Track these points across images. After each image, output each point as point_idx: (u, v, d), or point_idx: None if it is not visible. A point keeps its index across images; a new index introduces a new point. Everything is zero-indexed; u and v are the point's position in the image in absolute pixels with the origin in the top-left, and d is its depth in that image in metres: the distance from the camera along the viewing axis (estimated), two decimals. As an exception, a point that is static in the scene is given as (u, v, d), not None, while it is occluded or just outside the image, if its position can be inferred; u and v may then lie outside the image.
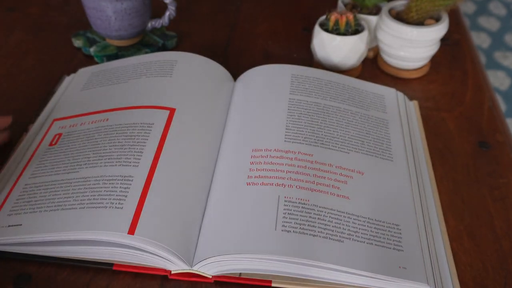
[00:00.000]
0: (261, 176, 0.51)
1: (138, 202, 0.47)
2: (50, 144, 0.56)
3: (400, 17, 0.69)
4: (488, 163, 0.60)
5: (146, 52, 0.73)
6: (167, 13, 0.73)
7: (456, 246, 0.51)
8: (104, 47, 0.73)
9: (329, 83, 0.63)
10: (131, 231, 0.44)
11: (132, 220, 0.45)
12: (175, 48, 0.76)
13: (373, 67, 0.74)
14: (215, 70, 0.65)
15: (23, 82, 0.69)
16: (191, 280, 0.47)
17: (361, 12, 0.72)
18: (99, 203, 0.46)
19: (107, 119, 0.56)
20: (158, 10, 0.75)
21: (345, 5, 0.74)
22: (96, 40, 0.75)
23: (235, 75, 0.66)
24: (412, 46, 0.68)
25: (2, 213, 0.49)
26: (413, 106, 0.66)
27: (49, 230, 0.45)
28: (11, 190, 0.51)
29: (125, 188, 0.48)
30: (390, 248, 0.46)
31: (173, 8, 0.72)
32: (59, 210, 0.47)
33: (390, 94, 0.65)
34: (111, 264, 0.47)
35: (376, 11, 0.73)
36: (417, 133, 0.62)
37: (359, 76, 0.72)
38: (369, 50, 0.74)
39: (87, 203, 0.47)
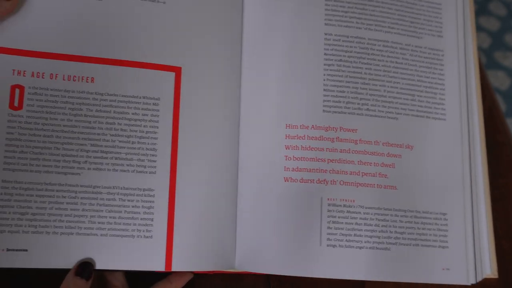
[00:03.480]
0: (300, 169, 0.44)
1: (168, 227, 0.42)
2: (12, 106, 0.41)
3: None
4: (488, 163, 0.60)
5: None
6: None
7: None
8: None
9: None
10: (168, 266, 0.41)
11: (166, 252, 0.41)
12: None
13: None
14: None
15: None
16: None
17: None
18: (123, 230, 0.41)
19: (92, 79, 0.43)
20: None
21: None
22: None
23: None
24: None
25: None
26: (469, 3, 0.53)
27: (68, 263, 0.40)
28: None
29: (148, 208, 0.42)
30: (436, 247, 0.45)
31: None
32: (73, 234, 0.40)
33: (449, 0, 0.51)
34: None
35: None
36: (472, 62, 0.51)
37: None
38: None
39: (108, 229, 0.41)
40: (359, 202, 0.45)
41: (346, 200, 0.45)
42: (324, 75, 0.46)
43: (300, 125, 0.45)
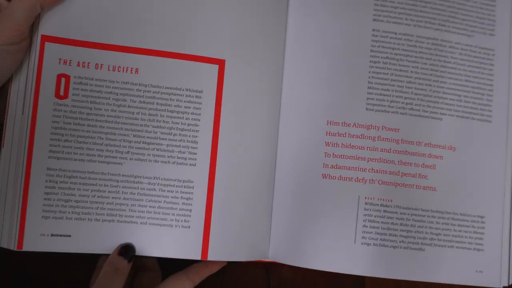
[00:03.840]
0: (339, 166, 0.45)
1: (205, 218, 0.43)
2: (58, 95, 0.42)
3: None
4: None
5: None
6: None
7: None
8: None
9: None
10: (204, 255, 0.43)
11: (203, 242, 0.42)
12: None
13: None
14: None
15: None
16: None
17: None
18: (162, 219, 0.42)
19: (137, 70, 0.43)
20: None
21: None
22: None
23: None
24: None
25: (31, 211, 0.40)
26: None
27: (109, 248, 0.41)
28: (27, 171, 0.41)
29: (187, 199, 0.43)
30: (471, 249, 0.45)
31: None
32: (114, 222, 0.42)
33: None
34: None
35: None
36: None
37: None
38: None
39: (148, 217, 0.42)
40: (397, 202, 0.45)
41: (383, 200, 0.44)
42: (369, 72, 0.45)
43: (342, 123, 0.45)
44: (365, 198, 0.44)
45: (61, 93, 0.42)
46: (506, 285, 0.46)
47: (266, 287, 0.48)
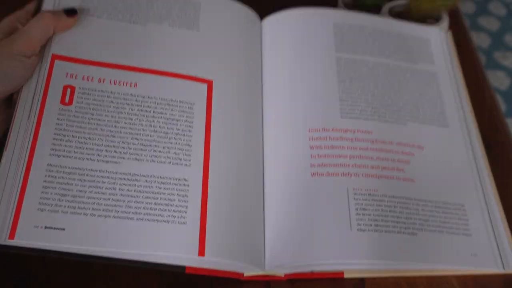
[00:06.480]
0: (325, 164, 0.48)
1: (201, 215, 0.44)
2: (63, 102, 0.46)
3: (400, 17, 0.69)
4: (488, 163, 0.60)
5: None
6: None
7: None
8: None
9: (373, 33, 0.58)
10: (201, 252, 0.42)
11: (200, 238, 0.43)
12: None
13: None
14: (241, 16, 0.57)
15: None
16: (263, 279, 0.46)
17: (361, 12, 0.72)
18: (158, 215, 0.43)
19: (136, 85, 0.48)
20: None
21: (346, 5, 0.74)
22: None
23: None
24: (412, 46, 0.68)
25: (27, 202, 0.40)
26: (449, 39, 0.62)
27: (103, 243, 0.41)
28: (28, 167, 0.42)
29: (183, 196, 0.44)
30: (460, 234, 0.47)
31: None
32: (110, 217, 0.42)
33: (435, 36, 0.61)
34: (183, 267, 0.44)
35: (376, 11, 0.73)
36: (460, 82, 0.58)
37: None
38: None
39: (144, 213, 0.43)
40: (382, 191, 0.48)
41: (370, 190, 0.47)
42: (339, 88, 0.53)
43: (322, 128, 0.50)
44: (353, 189, 0.47)
45: (66, 100, 0.46)
46: (502, 269, 0.46)
47: None
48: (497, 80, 1.81)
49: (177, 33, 0.53)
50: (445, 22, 0.68)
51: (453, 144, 0.53)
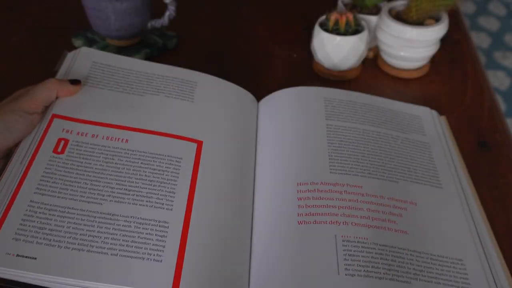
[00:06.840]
0: (313, 214, 0.48)
1: (178, 254, 0.43)
2: (55, 151, 0.48)
3: (400, 17, 0.69)
4: (488, 163, 0.60)
5: (146, 53, 0.73)
6: (167, 13, 0.73)
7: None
8: (104, 47, 0.73)
9: (363, 106, 0.60)
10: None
11: (174, 276, 0.42)
12: (176, 48, 0.76)
13: (373, 67, 0.74)
14: (237, 95, 0.61)
15: (23, 82, 0.69)
16: None
17: (361, 12, 0.72)
18: (134, 252, 0.42)
19: (127, 140, 0.51)
20: (158, 10, 0.75)
21: (345, 5, 0.74)
22: (96, 40, 0.75)
23: (237, 77, 0.64)
24: (412, 46, 0.68)
25: (4, 231, 0.41)
26: (444, 122, 0.63)
27: (75, 275, 0.40)
28: (10, 202, 0.44)
29: (161, 236, 0.44)
30: (459, 287, 0.45)
31: (173, 8, 0.72)
32: (84, 251, 0.42)
33: (425, 114, 0.63)
34: None
35: (376, 11, 0.73)
36: (454, 153, 0.58)
37: (359, 76, 0.72)
38: (369, 50, 0.74)
39: (119, 250, 0.42)
40: (373, 240, 0.46)
41: (359, 237, 0.46)
42: (328, 148, 0.54)
43: (310, 182, 0.50)
44: (342, 236, 0.46)
45: (59, 150, 0.49)
46: None
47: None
48: (497, 80, 1.81)
49: (171, 102, 0.56)
50: (445, 22, 0.68)
51: (448, 203, 0.52)
